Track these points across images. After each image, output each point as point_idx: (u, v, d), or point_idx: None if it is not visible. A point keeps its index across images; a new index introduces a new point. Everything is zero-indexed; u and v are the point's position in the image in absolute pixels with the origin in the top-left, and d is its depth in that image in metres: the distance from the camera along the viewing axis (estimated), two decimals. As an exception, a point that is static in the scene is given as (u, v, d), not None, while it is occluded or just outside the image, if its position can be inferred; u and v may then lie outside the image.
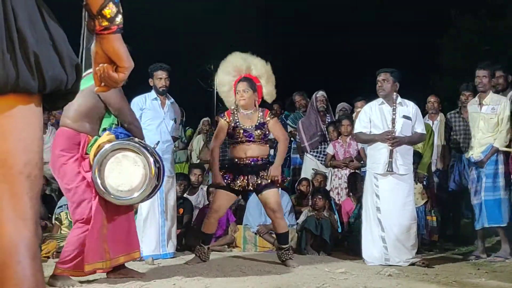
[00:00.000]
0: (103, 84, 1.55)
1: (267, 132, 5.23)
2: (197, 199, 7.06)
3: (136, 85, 5.80)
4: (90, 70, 3.27)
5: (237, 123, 5.18)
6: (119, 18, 1.47)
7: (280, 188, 6.58)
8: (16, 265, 1.25)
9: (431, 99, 7.44)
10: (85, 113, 4.12)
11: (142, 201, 4.26)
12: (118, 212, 4.19)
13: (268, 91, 5.33)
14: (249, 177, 5.10)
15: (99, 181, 3.99)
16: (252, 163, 5.13)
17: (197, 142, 9.02)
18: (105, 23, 1.45)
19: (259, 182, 5.09)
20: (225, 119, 5.24)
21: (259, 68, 5.33)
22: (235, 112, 5.25)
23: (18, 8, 1.26)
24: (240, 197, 7.12)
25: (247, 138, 5.13)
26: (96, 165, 3.99)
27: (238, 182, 5.11)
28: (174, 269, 4.89)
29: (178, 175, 6.69)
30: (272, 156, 6.16)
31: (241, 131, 5.13)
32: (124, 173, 4.03)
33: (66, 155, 4.06)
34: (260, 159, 5.15)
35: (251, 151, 5.14)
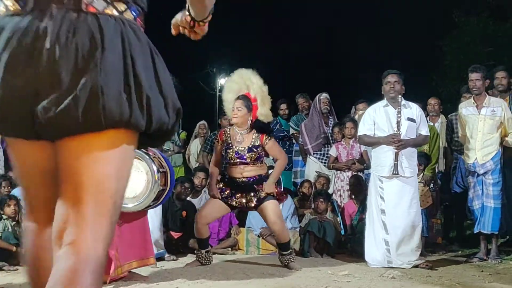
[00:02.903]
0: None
1: (261, 154, 5.24)
2: (200, 202, 7.04)
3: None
4: None
5: (229, 145, 5.22)
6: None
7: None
8: (85, 277, 1.37)
9: (432, 101, 7.44)
10: None
11: (150, 206, 4.24)
12: (128, 218, 4.20)
13: (263, 112, 5.32)
14: (247, 194, 5.14)
15: None
16: (250, 181, 5.18)
17: (195, 146, 9.00)
18: (202, 24, 1.75)
19: (257, 198, 5.12)
20: (218, 141, 5.33)
21: (255, 87, 5.35)
22: (228, 132, 5.30)
23: (136, 55, 1.48)
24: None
25: (240, 160, 5.18)
26: None
27: (235, 198, 5.17)
28: (177, 272, 4.89)
29: (180, 178, 6.72)
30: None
31: (233, 153, 5.18)
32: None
33: None
34: (257, 177, 5.19)
35: (247, 172, 5.19)
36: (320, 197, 6.47)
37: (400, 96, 5.56)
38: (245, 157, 5.15)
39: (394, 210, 5.43)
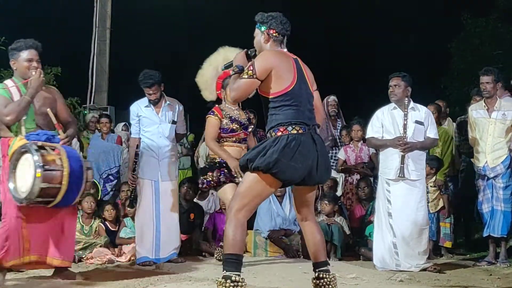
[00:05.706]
0: None
1: None
2: (208, 204, 7.06)
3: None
4: None
5: (231, 117, 5.16)
6: None
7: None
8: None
9: (439, 104, 7.40)
10: None
11: (40, 203, 4.14)
12: (44, 215, 4.27)
13: None
14: None
15: (11, 186, 4.13)
16: None
17: (204, 148, 8.95)
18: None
19: None
20: (216, 117, 5.16)
21: None
22: (224, 108, 5.22)
23: (320, 148, 3.57)
24: None
25: (244, 132, 5.16)
26: (11, 171, 4.13)
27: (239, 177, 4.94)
28: (185, 273, 4.90)
29: (187, 180, 6.75)
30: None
31: (238, 124, 5.14)
32: (23, 175, 4.11)
33: None
34: None
35: (245, 151, 5.05)
36: (325, 199, 6.45)
37: (407, 98, 5.53)
38: (248, 127, 5.16)
39: (400, 213, 5.41)
